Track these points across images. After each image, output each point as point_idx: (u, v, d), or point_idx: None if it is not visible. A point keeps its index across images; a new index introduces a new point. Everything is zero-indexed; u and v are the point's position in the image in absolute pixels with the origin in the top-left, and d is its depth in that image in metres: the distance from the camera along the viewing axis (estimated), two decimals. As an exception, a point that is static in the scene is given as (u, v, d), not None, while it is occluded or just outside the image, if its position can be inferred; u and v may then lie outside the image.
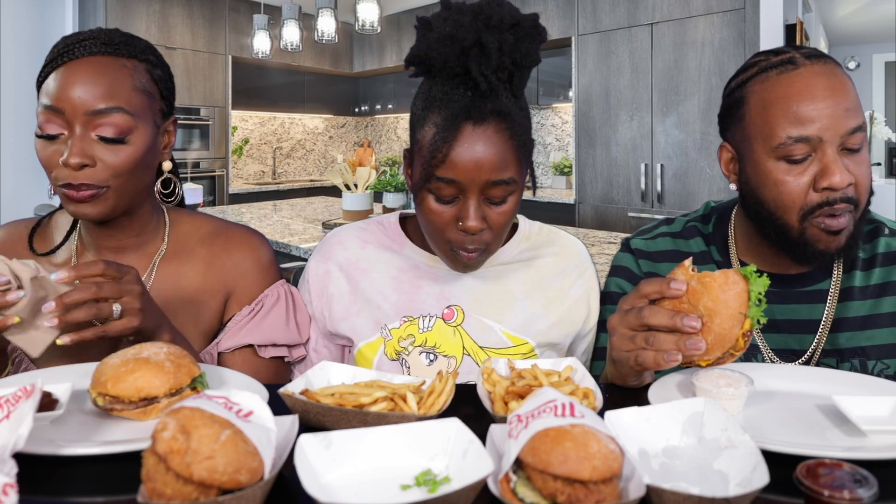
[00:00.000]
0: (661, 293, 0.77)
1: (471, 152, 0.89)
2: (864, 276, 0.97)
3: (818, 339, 0.96)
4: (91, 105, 0.88)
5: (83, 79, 0.88)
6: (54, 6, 4.71)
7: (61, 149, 0.88)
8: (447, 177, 0.91)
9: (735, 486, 0.57)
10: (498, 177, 0.91)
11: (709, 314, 0.74)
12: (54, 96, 0.88)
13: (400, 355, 1.03)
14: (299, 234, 3.05)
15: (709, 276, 0.75)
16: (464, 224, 0.93)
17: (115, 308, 0.80)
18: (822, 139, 0.87)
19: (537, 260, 1.10)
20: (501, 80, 0.91)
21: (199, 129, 5.38)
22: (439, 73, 0.92)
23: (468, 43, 0.89)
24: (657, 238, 1.10)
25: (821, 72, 0.89)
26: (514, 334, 1.05)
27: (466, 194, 0.92)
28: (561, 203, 4.67)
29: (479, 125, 0.90)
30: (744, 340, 0.75)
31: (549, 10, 4.68)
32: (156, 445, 0.52)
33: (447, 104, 0.91)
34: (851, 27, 7.02)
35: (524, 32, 0.91)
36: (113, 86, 0.90)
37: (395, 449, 0.61)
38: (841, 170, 0.87)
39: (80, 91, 0.88)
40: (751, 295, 0.74)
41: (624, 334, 0.79)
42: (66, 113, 0.88)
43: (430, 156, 0.91)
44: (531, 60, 0.93)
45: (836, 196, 0.88)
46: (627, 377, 0.84)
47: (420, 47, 0.93)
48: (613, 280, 1.12)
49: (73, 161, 0.87)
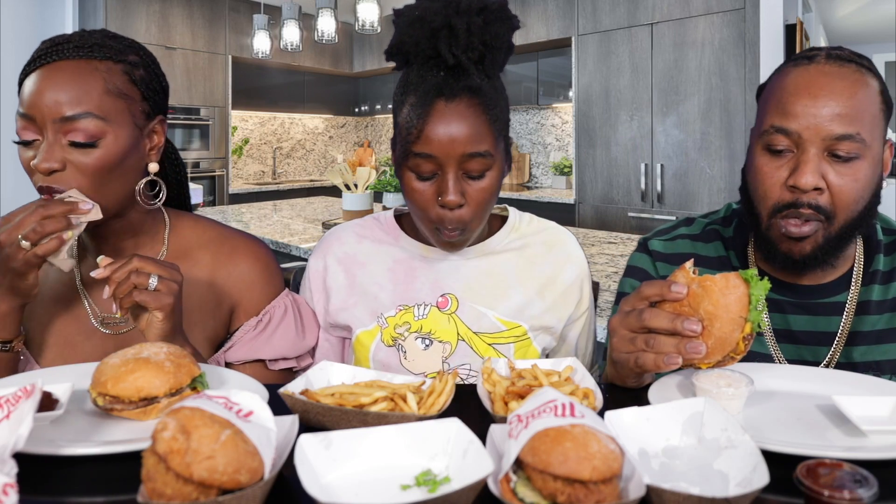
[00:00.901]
0: (661, 296, 0.76)
1: (444, 127, 0.93)
2: (882, 289, 0.95)
3: (833, 352, 0.94)
4: (59, 112, 0.87)
5: (52, 84, 0.87)
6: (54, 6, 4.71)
7: (36, 154, 0.88)
8: (423, 152, 0.94)
9: (735, 486, 0.57)
10: (473, 149, 0.94)
11: (709, 318, 0.73)
12: (26, 103, 0.88)
13: (396, 341, 1.06)
14: (299, 234, 3.05)
15: (709, 279, 0.74)
16: (443, 199, 0.96)
17: (152, 281, 0.83)
18: (802, 136, 0.86)
19: (528, 248, 1.13)
20: (471, 59, 0.95)
21: (199, 129, 5.38)
22: (413, 58, 0.97)
23: (437, 25, 0.93)
24: (676, 240, 1.08)
25: (829, 72, 0.87)
26: (508, 319, 1.07)
27: (444, 169, 0.95)
28: (561, 203, 4.67)
29: (451, 101, 0.94)
30: (744, 344, 0.74)
31: (549, 10, 4.67)
32: (156, 445, 0.52)
33: (421, 85, 0.96)
34: (851, 27, 7.02)
35: (493, 16, 0.96)
36: (81, 91, 0.88)
37: (395, 449, 0.61)
38: (812, 171, 0.85)
39: (49, 97, 0.87)
40: (751, 299, 0.73)
41: (624, 336, 0.79)
42: (36, 119, 0.87)
43: (407, 133, 0.95)
44: (502, 42, 0.97)
45: (803, 199, 0.86)
46: (627, 378, 0.84)
47: (395, 36, 0.98)
48: (628, 281, 1.10)
49: (42, 166, 0.86)
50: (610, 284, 1.88)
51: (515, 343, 1.07)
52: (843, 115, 0.85)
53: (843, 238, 0.89)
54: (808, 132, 0.86)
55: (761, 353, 0.97)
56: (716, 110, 3.85)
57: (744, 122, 3.73)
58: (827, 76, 0.87)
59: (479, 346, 1.06)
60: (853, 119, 0.85)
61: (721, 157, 3.84)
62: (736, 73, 3.74)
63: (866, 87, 0.87)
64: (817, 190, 0.86)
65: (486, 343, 1.06)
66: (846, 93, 0.86)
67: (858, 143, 0.85)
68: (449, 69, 0.95)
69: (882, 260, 0.96)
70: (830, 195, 0.87)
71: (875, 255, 0.96)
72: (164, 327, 0.85)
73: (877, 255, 0.96)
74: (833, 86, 0.86)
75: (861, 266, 0.96)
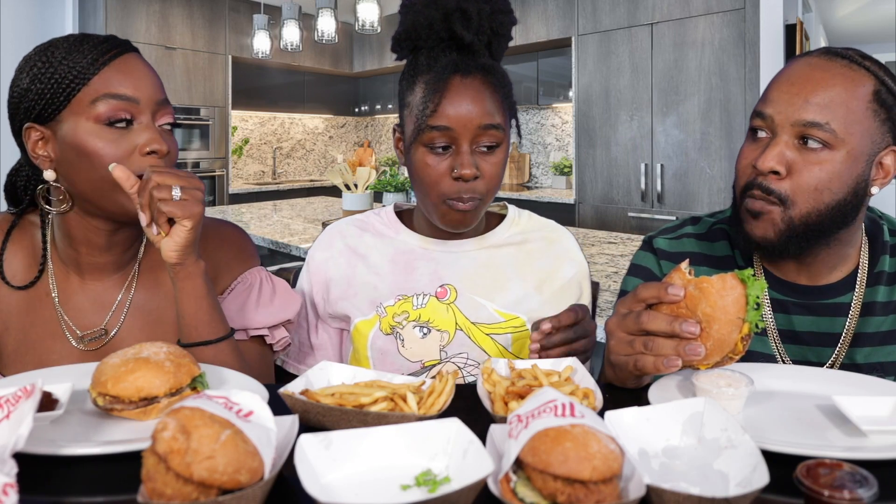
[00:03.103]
0: (658, 298, 0.76)
1: (461, 99, 0.97)
2: (887, 291, 0.95)
3: (837, 353, 0.94)
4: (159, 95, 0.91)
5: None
6: (54, 6, 4.71)
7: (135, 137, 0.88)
8: (440, 124, 0.97)
9: (735, 486, 0.57)
10: (488, 121, 0.98)
11: (707, 320, 0.73)
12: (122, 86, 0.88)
13: (394, 329, 1.07)
14: (299, 234, 3.05)
15: (706, 280, 0.74)
16: (459, 171, 0.98)
17: (175, 192, 0.83)
18: (774, 120, 0.88)
19: (528, 243, 1.14)
20: (482, 42, 1.01)
21: (199, 129, 5.38)
22: (425, 41, 1.01)
23: (450, 8, 0.98)
24: (682, 238, 1.07)
25: (815, 64, 0.89)
26: (506, 311, 1.08)
27: (459, 143, 0.98)
28: (561, 203, 4.67)
29: (467, 77, 0.98)
30: (742, 344, 0.74)
31: (549, 10, 4.67)
32: (156, 445, 0.52)
33: (434, 65, 1.00)
34: (851, 27, 7.02)
35: (498, 6, 1.02)
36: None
37: (395, 449, 0.61)
38: (774, 155, 0.87)
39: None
40: (748, 299, 0.73)
41: (622, 338, 0.79)
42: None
43: (423, 109, 0.98)
44: (506, 31, 1.04)
45: (758, 181, 0.89)
46: (626, 380, 0.84)
47: (405, 21, 1.02)
48: (632, 280, 1.09)
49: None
50: (610, 284, 1.88)
51: (513, 334, 1.07)
52: (816, 104, 0.86)
53: (810, 230, 0.89)
54: (779, 116, 0.88)
55: (765, 354, 0.97)
56: (716, 110, 3.85)
57: (744, 122, 3.73)
58: (811, 67, 0.89)
59: (476, 336, 1.06)
60: (824, 108, 0.85)
61: (721, 157, 3.84)
62: (736, 73, 3.74)
63: (851, 83, 0.86)
64: (775, 174, 0.88)
65: (483, 333, 1.06)
66: (823, 83, 0.86)
67: (828, 133, 0.85)
68: (461, 50, 0.99)
69: (888, 261, 0.96)
70: (790, 181, 0.87)
71: (881, 257, 0.96)
72: (190, 237, 0.85)
73: (882, 256, 0.96)
74: (812, 75, 0.88)
75: (866, 267, 0.96)
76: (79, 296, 0.96)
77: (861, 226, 0.97)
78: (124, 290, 0.99)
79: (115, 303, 0.98)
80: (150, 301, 0.99)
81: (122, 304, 0.98)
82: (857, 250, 0.97)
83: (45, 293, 0.96)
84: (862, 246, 0.97)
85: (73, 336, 0.95)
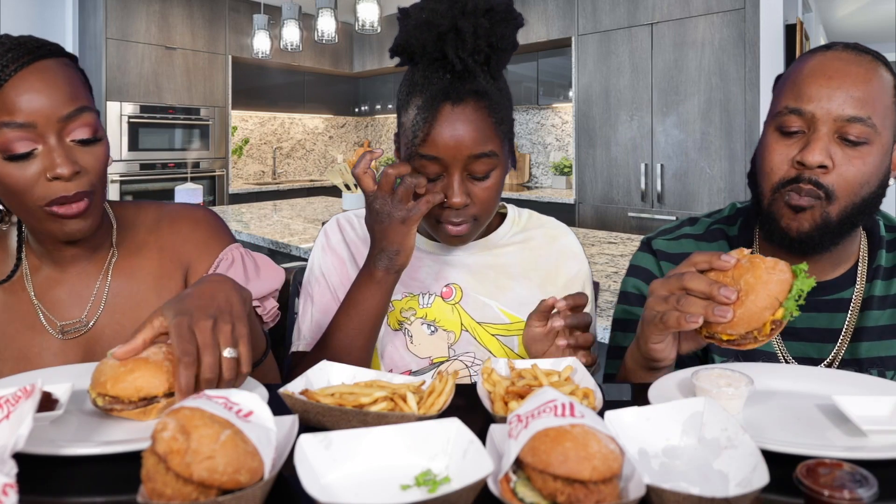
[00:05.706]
0: (709, 264, 0.78)
1: (451, 130, 0.94)
2: (885, 285, 0.96)
3: (838, 349, 0.95)
4: (61, 111, 0.84)
5: (45, 86, 0.84)
6: (54, 6, 4.71)
7: (39, 164, 0.84)
8: (429, 154, 0.95)
9: (735, 486, 0.56)
10: (479, 150, 0.95)
11: (747, 289, 0.74)
12: (19, 111, 0.82)
13: (402, 325, 1.07)
14: (299, 234, 3.05)
15: (759, 257, 0.76)
16: (448, 201, 0.96)
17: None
18: (815, 116, 0.87)
19: (531, 241, 1.15)
20: (478, 62, 0.96)
21: (199, 129, 5.38)
22: (420, 59, 0.98)
23: (444, 28, 0.94)
24: (680, 239, 1.08)
25: (845, 58, 0.89)
26: (511, 312, 1.08)
27: (449, 171, 0.96)
28: (561, 203, 4.67)
29: (458, 105, 0.94)
30: (770, 328, 0.75)
31: (549, 10, 4.67)
32: (156, 445, 0.52)
33: (427, 87, 0.96)
34: (851, 27, 7.02)
35: (499, 17, 0.96)
36: (72, 86, 0.86)
37: (395, 449, 0.61)
38: (821, 149, 0.86)
39: (47, 99, 0.83)
40: (793, 288, 0.74)
41: (661, 295, 0.80)
42: (38, 125, 0.83)
43: (413, 135, 0.95)
44: (508, 43, 0.98)
45: (805, 175, 0.87)
46: (649, 337, 0.82)
47: (400, 36, 0.98)
48: (631, 280, 1.10)
49: (66, 171, 0.83)
50: (610, 284, 1.88)
51: (519, 336, 1.07)
52: (857, 98, 0.86)
53: (843, 224, 0.89)
54: (820, 112, 0.87)
55: (766, 351, 0.97)
56: (716, 110, 3.85)
57: (744, 122, 3.73)
58: (843, 61, 0.88)
59: (482, 337, 1.07)
60: (865, 103, 0.86)
61: (721, 157, 3.84)
62: (736, 73, 3.74)
63: (880, 78, 0.88)
64: (822, 168, 0.87)
65: (489, 334, 1.07)
66: (861, 77, 0.87)
67: (869, 128, 0.86)
68: (455, 72, 0.96)
69: (885, 256, 0.97)
70: (835, 175, 0.87)
71: (878, 251, 0.97)
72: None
73: (879, 251, 0.97)
74: (848, 70, 0.87)
75: (866, 262, 0.97)
76: (56, 288, 0.97)
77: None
78: (101, 277, 1.00)
79: (93, 291, 0.99)
80: (128, 287, 1.00)
81: (100, 293, 0.99)
82: (856, 245, 0.98)
83: (21, 288, 0.97)
84: (861, 241, 0.98)
85: (52, 327, 0.96)
